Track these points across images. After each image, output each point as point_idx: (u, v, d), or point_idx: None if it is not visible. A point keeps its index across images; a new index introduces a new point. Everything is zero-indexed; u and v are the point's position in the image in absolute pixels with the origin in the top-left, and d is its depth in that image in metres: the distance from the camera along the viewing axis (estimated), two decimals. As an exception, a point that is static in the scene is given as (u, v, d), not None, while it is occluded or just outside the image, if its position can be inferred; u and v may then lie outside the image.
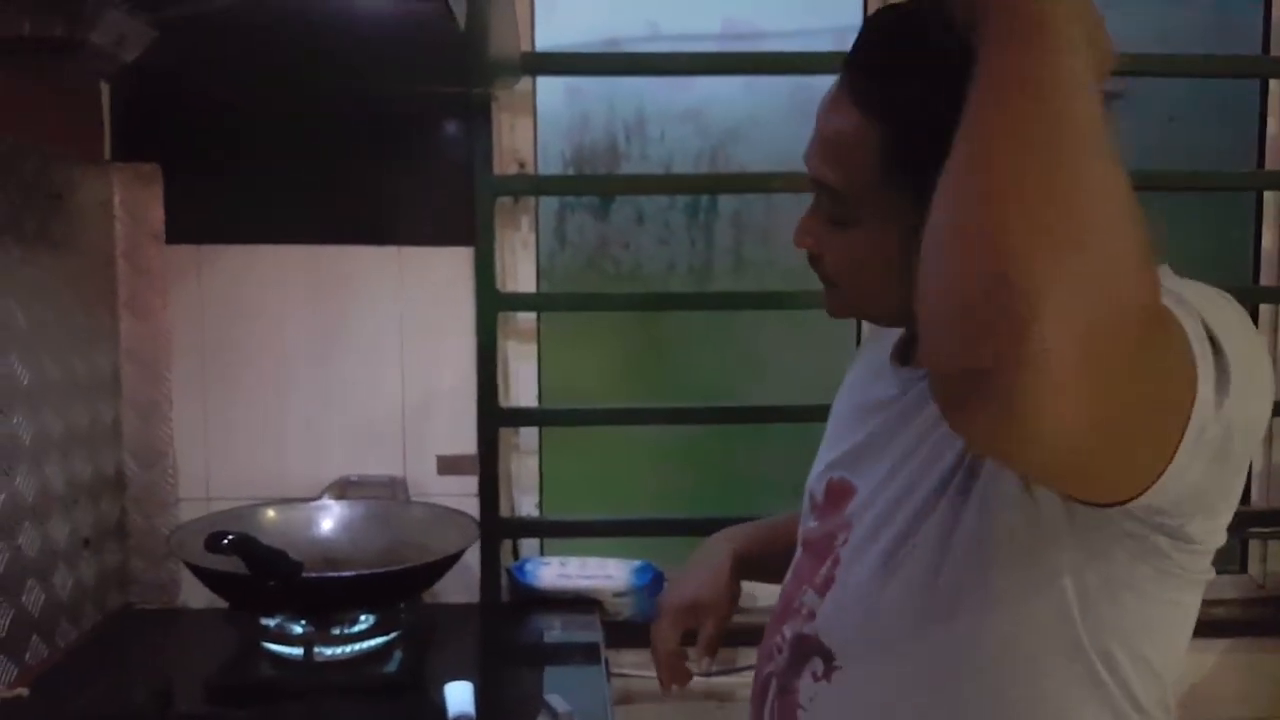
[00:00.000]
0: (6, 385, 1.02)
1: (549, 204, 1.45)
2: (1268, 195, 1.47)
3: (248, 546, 0.87)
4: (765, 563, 0.88)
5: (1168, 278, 0.53)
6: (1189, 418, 0.46)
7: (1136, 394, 0.44)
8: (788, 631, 0.71)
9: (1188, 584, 0.58)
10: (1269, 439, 1.48)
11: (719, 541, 0.90)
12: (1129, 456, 0.47)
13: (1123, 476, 0.49)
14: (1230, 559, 1.50)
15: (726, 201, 1.46)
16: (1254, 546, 1.50)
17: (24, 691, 1.02)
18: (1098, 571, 0.57)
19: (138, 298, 1.28)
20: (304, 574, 0.93)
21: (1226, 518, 0.56)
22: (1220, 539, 0.57)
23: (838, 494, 0.71)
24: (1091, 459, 0.46)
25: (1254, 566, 1.50)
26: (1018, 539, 0.58)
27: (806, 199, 0.70)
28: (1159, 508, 0.52)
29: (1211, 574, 0.59)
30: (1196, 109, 1.46)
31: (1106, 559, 0.56)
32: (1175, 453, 0.47)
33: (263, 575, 0.86)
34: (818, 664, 0.68)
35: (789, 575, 0.76)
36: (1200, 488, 0.50)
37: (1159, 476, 0.48)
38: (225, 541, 0.86)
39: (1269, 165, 1.46)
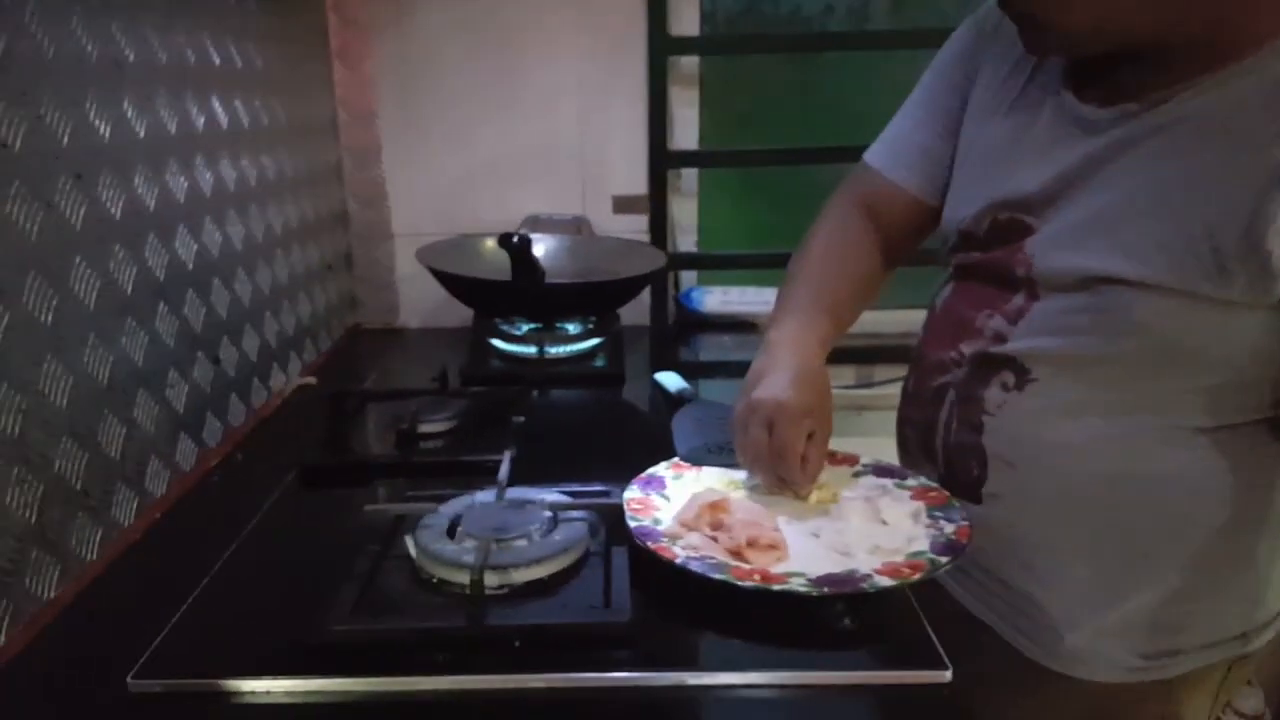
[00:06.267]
0: (254, 125, 1.12)
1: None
2: None
3: (525, 248, 1.03)
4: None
5: None
6: None
7: None
8: (966, 349, 0.77)
9: None
10: None
11: (810, 347, 0.81)
12: None
13: None
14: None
15: (888, -63, 1.46)
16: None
17: (312, 380, 1.28)
18: None
19: (347, 48, 1.40)
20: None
21: None
22: None
23: (1005, 230, 0.75)
24: None
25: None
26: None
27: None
28: None
29: None
30: None
31: None
32: None
33: (520, 277, 1.03)
34: (1008, 377, 0.74)
35: (952, 298, 0.82)
36: None
37: None
38: (514, 239, 1.02)
39: None
